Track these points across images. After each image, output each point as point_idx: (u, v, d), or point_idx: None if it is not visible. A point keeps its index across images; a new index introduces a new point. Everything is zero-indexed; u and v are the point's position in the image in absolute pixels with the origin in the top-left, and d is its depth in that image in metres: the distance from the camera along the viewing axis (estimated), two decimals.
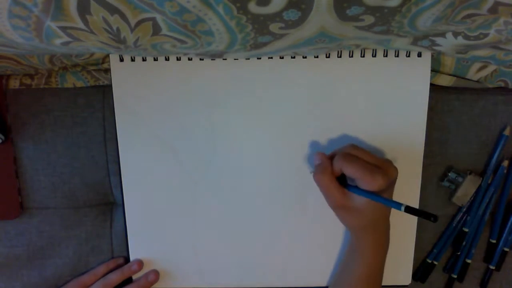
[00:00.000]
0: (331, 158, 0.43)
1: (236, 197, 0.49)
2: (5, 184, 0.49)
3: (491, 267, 0.52)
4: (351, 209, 0.43)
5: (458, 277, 0.53)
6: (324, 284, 0.51)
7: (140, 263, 0.50)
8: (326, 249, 0.50)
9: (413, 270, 0.52)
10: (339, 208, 0.44)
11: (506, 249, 0.52)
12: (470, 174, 0.50)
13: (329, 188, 0.43)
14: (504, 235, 0.51)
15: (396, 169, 0.43)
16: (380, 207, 0.42)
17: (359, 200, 0.42)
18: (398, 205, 0.39)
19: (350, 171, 0.41)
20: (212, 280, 0.51)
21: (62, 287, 0.51)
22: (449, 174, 0.50)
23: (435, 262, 0.53)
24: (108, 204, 0.53)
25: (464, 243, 0.52)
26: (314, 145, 0.48)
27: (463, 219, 0.52)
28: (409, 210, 0.39)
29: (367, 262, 0.44)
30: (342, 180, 0.44)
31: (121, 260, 0.51)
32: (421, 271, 0.53)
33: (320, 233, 0.50)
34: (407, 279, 0.51)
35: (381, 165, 0.42)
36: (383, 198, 0.40)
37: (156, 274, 0.50)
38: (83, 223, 0.52)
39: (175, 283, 0.51)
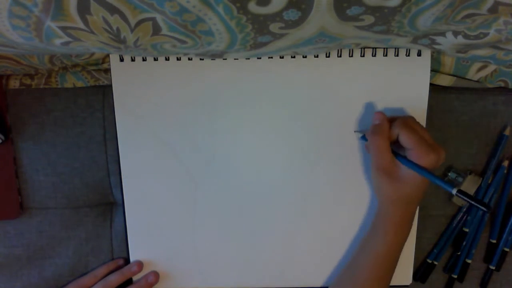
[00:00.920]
0: (390, 121, 0.43)
1: (236, 197, 0.49)
2: (5, 184, 0.49)
3: (491, 267, 0.52)
4: (394, 177, 0.42)
5: (458, 277, 0.53)
6: (323, 284, 0.51)
7: (140, 264, 0.50)
8: (326, 249, 0.50)
9: (413, 270, 0.52)
10: (384, 173, 0.43)
11: (506, 249, 0.52)
12: (470, 174, 0.50)
13: (382, 150, 0.42)
14: (504, 235, 0.51)
15: (445, 152, 0.42)
16: (420, 185, 0.42)
17: (405, 171, 0.42)
18: (449, 187, 0.39)
19: (407, 139, 0.40)
20: (212, 280, 0.51)
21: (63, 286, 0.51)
22: (449, 174, 0.50)
23: (435, 262, 0.53)
24: (108, 204, 0.53)
25: (464, 243, 0.52)
26: (314, 144, 0.48)
27: (463, 219, 0.52)
28: (462, 193, 0.38)
29: (388, 238, 0.44)
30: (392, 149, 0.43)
31: (121, 261, 0.51)
32: (421, 271, 0.53)
33: (320, 233, 0.50)
34: (407, 279, 0.51)
35: (434, 145, 0.41)
36: (433, 175, 0.40)
37: (156, 275, 0.50)
38: (83, 223, 0.52)
39: (175, 283, 0.51)
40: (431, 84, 0.47)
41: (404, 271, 0.51)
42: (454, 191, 0.39)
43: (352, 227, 0.50)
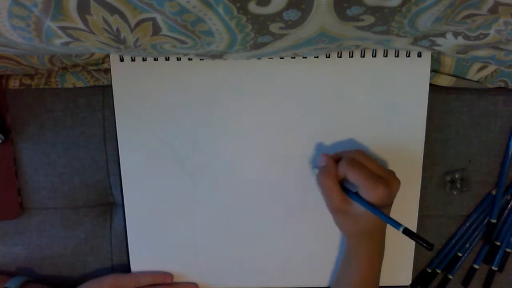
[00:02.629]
0: (336, 161, 0.43)
1: (236, 197, 0.49)
2: (5, 184, 0.49)
3: (494, 268, 0.52)
4: (349, 215, 0.43)
5: (463, 281, 0.53)
6: (323, 285, 0.51)
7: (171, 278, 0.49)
8: (326, 249, 0.50)
9: (413, 278, 0.52)
10: (338, 212, 0.44)
11: (508, 250, 0.52)
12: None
13: (331, 191, 0.43)
14: (506, 236, 0.52)
15: (398, 182, 0.42)
16: (377, 218, 0.42)
17: (358, 208, 0.42)
18: (397, 225, 0.39)
19: (354, 177, 0.41)
20: (212, 280, 0.51)
21: (98, 279, 0.48)
22: (447, 178, 0.50)
23: (438, 271, 0.53)
24: (108, 204, 0.53)
25: (467, 245, 0.52)
26: (314, 145, 0.48)
27: (457, 244, 0.52)
28: (407, 232, 0.39)
29: (362, 269, 0.44)
30: (344, 185, 0.44)
31: (169, 278, 0.49)
32: (421, 281, 0.53)
33: (320, 233, 0.50)
34: (407, 280, 0.51)
35: (385, 177, 0.41)
36: (382, 213, 0.40)
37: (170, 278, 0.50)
38: (83, 223, 0.52)
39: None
40: (431, 85, 0.47)
41: (403, 271, 0.51)
42: (400, 229, 0.39)
43: None
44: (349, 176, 0.41)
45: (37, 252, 0.52)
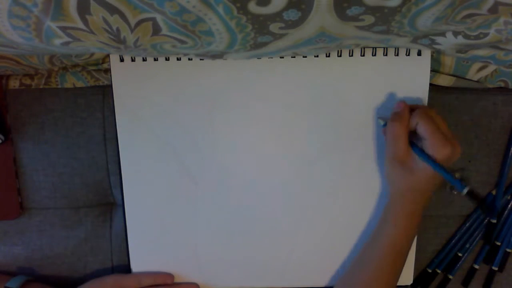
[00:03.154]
0: (411, 111, 0.43)
1: (236, 197, 0.49)
2: (5, 184, 0.49)
3: (494, 268, 0.52)
4: (407, 167, 0.42)
5: (464, 281, 0.53)
6: (324, 285, 0.51)
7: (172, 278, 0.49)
8: (327, 249, 0.50)
9: (414, 278, 0.52)
10: (396, 162, 0.42)
11: (508, 250, 0.52)
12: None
13: (399, 137, 0.41)
14: (507, 236, 0.52)
15: (460, 150, 0.41)
16: (432, 179, 0.41)
17: (419, 163, 0.41)
18: (459, 185, 0.38)
19: (425, 130, 0.40)
20: (213, 280, 0.51)
21: (100, 278, 0.48)
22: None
23: (438, 271, 0.53)
24: (108, 204, 0.53)
25: (468, 245, 0.52)
26: (314, 144, 0.48)
27: (458, 244, 0.52)
28: (471, 194, 0.38)
29: (397, 230, 0.43)
30: (410, 140, 0.43)
31: (169, 280, 0.49)
32: (422, 281, 0.53)
33: (320, 233, 0.50)
34: (408, 279, 0.51)
35: (452, 140, 0.41)
36: (446, 171, 0.39)
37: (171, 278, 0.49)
38: (83, 223, 0.52)
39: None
40: (431, 84, 0.47)
41: (404, 271, 0.51)
42: (464, 191, 0.38)
43: (353, 226, 0.50)
44: (420, 127, 0.40)
45: (37, 252, 0.52)
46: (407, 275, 0.51)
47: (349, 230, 0.50)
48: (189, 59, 0.46)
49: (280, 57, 0.46)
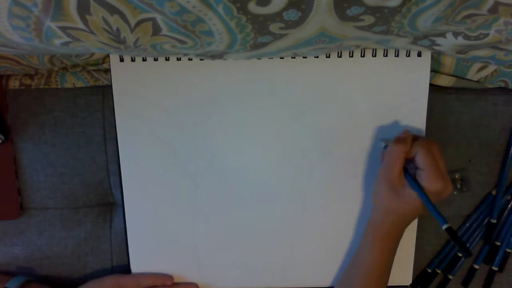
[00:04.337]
0: (414, 140, 0.43)
1: (236, 197, 0.49)
2: (5, 184, 0.49)
3: (494, 268, 0.52)
4: (395, 191, 0.42)
5: (464, 281, 0.53)
6: (324, 285, 0.51)
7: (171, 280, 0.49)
8: (327, 250, 0.50)
9: (413, 278, 0.52)
10: (387, 183, 0.43)
11: (508, 250, 0.52)
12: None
13: (396, 160, 0.42)
14: (507, 236, 0.52)
15: (451, 190, 0.43)
16: (417, 208, 0.42)
17: (408, 190, 0.42)
18: (442, 221, 0.40)
19: (423, 160, 0.41)
20: (212, 280, 0.51)
21: (99, 279, 0.48)
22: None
23: (438, 271, 0.53)
24: (108, 204, 0.53)
25: (468, 245, 0.52)
26: (314, 144, 0.48)
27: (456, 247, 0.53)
28: (450, 231, 0.39)
29: (376, 254, 0.44)
30: (405, 167, 0.43)
31: (168, 281, 0.49)
32: (421, 280, 0.53)
33: (320, 233, 0.50)
34: (407, 280, 0.51)
35: (446, 177, 0.42)
36: (433, 205, 0.40)
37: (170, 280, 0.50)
38: (83, 223, 0.52)
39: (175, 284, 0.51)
40: (431, 85, 0.47)
41: (404, 271, 0.51)
42: (444, 226, 0.39)
43: (352, 227, 0.50)
44: (419, 157, 0.41)
45: (37, 252, 0.52)
46: (406, 275, 0.51)
47: (349, 230, 0.50)
48: (189, 59, 0.46)
49: (280, 58, 0.46)
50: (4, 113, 0.49)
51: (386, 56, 0.46)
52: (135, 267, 0.50)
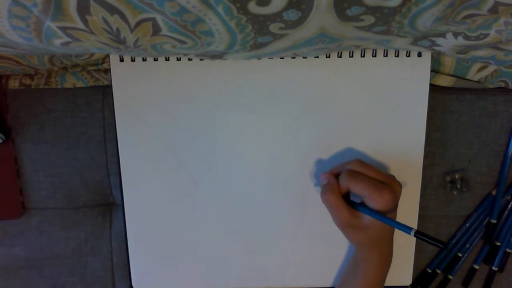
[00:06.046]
0: (337, 175, 0.43)
1: (236, 197, 0.49)
2: (6, 184, 0.49)
3: (494, 268, 0.52)
4: (358, 227, 0.42)
5: (464, 281, 0.53)
6: (324, 285, 0.51)
7: None
8: (326, 250, 0.50)
9: (413, 278, 0.52)
10: (347, 227, 0.43)
11: (508, 251, 0.52)
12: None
13: (338, 208, 0.42)
14: (507, 236, 0.52)
15: (400, 185, 0.42)
16: (386, 225, 0.42)
17: (366, 218, 0.42)
18: (407, 229, 0.39)
19: (357, 189, 0.40)
20: (213, 280, 0.51)
21: None
22: (446, 177, 0.50)
23: (438, 271, 0.53)
24: (107, 204, 0.53)
25: (468, 245, 0.52)
26: (314, 145, 0.48)
27: (457, 244, 0.52)
28: (419, 235, 0.39)
29: (369, 278, 0.44)
30: (348, 197, 0.43)
31: None
32: (421, 280, 0.53)
33: (320, 233, 0.50)
34: (407, 280, 0.51)
35: (387, 182, 0.41)
36: (391, 220, 0.40)
37: None
38: (83, 223, 0.52)
39: (175, 283, 0.51)
40: (431, 85, 0.47)
41: (404, 272, 0.51)
42: (412, 233, 0.39)
43: None
44: (352, 188, 0.41)
45: (37, 253, 0.52)
46: (406, 276, 0.51)
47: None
48: (189, 59, 0.46)
49: (280, 58, 0.46)
50: (4, 113, 0.49)
51: (386, 56, 0.46)
52: (135, 267, 0.51)
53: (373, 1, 0.29)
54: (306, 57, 0.46)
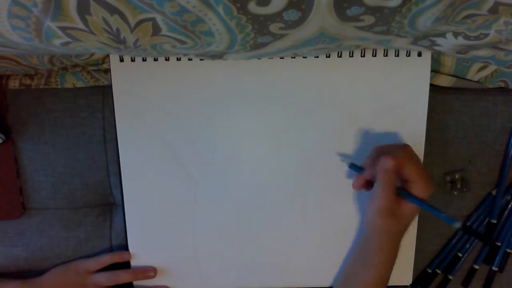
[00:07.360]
0: (378, 155, 0.41)
1: (236, 197, 0.49)
2: (6, 184, 0.49)
3: (494, 268, 0.52)
4: (395, 214, 0.41)
5: (464, 282, 0.53)
6: (324, 285, 0.51)
7: (155, 271, 0.50)
8: (326, 250, 0.50)
9: (413, 278, 0.52)
10: (385, 213, 0.40)
11: (508, 251, 0.52)
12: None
13: (390, 189, 0.40)
14: (507, 236, 0.52)
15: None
16: (415, 213, 0.41)
17: (406, 206, 0.41)
18: (453, 221, 0.38)
19: (413, 169, 0.39)
20: (213, 280, 0.51)
21: (65, 264, 0.50)
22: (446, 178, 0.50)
23: (438, 271, 0.53)
24: (108, 204, 0.53)
25: (468, 245, 0.52)
26: (314, 144, 0.48)
27: (458, 245, 0.52)
28: (465, 228, 0.38)
29: (381, 270, 0.43)
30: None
31: (126, 255, 0.50)
32: (422, 280, 0.53)
33: (320, 233, 0.50)
34: (407, 280, 0.51)
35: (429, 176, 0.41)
36: (440, 211, 0.39)
37: (155, 271, 0.50)
38: (83, 223, 0.52)
39: (175, 283, 0.51)
40: (431, 85, 0.47)
41: (404, 272, 0.51)
42: (457, 225, 0.38)
43: (352, 227, 0.50)
44: (409, 169, 0.39)
45: (37, 253, 0.52)
46: (406, 275, 0.51)
47: (348, 230, 0.50)
48: (189, 59, 0.46)
49: (280, 58, 0.46)
50: (4, 113, 0.49)
51: (386, 56, 0.46)
52: (135, 267, 0.50)
53: (373, 1, 0.29)
54: (306, 57, 0.46)
